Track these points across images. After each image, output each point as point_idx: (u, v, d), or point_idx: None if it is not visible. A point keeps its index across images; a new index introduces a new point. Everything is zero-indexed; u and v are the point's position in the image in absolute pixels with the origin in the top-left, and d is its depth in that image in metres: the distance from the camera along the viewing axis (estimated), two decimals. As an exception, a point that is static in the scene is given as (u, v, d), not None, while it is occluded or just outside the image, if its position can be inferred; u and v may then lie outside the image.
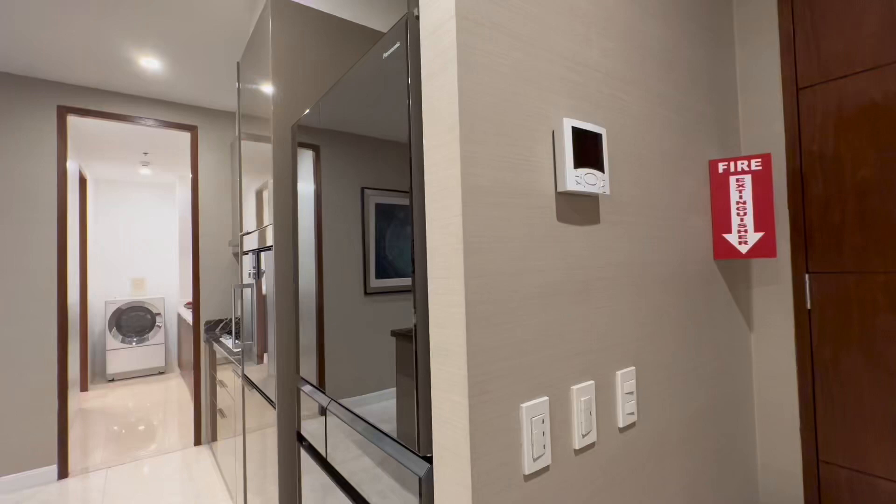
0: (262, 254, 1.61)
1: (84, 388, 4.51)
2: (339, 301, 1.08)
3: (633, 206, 0.92)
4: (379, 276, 0.91)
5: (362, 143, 0.99)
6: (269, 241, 1.52)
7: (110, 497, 2.38)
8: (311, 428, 1.25)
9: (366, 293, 0.96)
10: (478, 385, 0.64)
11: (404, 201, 0.80)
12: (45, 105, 2.61)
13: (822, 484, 1.15)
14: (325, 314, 1.16)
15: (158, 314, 5.12)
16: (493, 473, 0.65)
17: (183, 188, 5.28)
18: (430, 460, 0.76)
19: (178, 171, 5.04)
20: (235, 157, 3.10)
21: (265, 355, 1.61)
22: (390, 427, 0.85)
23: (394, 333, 0.84)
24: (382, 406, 0.88)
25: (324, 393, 1.18)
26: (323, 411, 1.16)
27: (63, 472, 2.61)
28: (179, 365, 5.17)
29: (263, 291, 1.61)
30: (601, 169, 0.80)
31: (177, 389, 4.58)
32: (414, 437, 0.77)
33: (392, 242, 0.85)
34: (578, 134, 0.77)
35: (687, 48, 1.12)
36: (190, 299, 5.21)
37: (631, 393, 0.87)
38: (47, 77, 2.59)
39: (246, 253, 1.84)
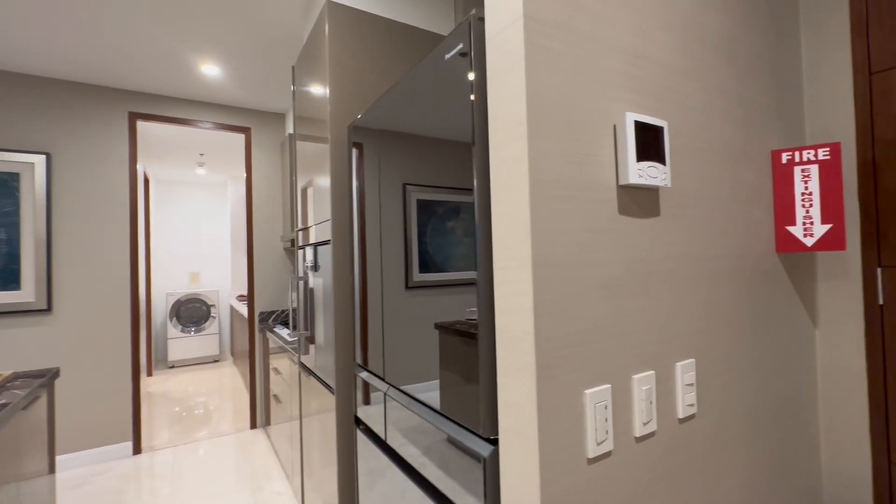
0: (319, 248, 1.70)
1: (149, 373, 4.87)
2: (395, 293, 1.14)
3: (694, 199, 0.92)
4: (428, 270, 0.95)
5: (419, 143, 1.03)
6: (327, 236, 1.60)
7: (179, 472, 2.58)
8: (369, 412, 1.33)
9: (418, 286, 1.01)
10: (545, 370, 0.67)
11: (463, 198, 0.84)
12: (117, 111, 2.84)
13: (893, 489, 1.11)
14: (385, 305, 1.22)
15: (213, 306, 5.44)
16: (558, 455, 0.68)
17: (234, 187, 5.57)
18: (493, 442, 0.80)
19: (229, 171, 5.32)
20: (286, 156, 3.25)
21: (322, 344, 1.70)
22: (451, 411, 0.90)
23: (455, 323, 0.89)
24: (441, 391, 0.93)
25: (382, 379, 1.24)
26: (382, 397, 1.23)
27: (137, 449, 2.86)
28: (232, 353, 5.49)
29: (321, 283, 1.70)
30: (663, 161, 0.81)
31: (230, 376, 4.87)
32: (477, 420, 0.81)
33: (444, 237, 0.90)
34: (640, 128, 0.78)
35: (748, 38, 1.09)
36: (241, 292, 5.51)
37: (691, 385, 0.88)
38: (120, 86, 2.82)
39: (302, 247, 1.95)
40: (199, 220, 5.86)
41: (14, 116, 2.57)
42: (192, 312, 5.33)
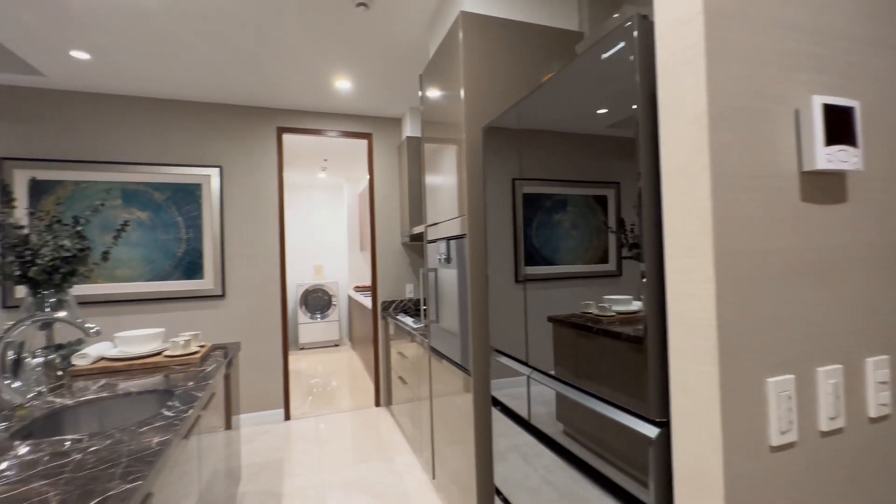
0: (452, 241, 1.85)
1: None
2: (536, 283, 1.21)
3: (884, 182, 0.84)
4: (569, 262, 1.01)
5: (569, 140, 1.09)
6: (460, 231, 1.73)
7: (322, 437, 2.98)
8: (508, 393, 1.42)
9: (556, 277, 1.06)
10: (726, 356, 0.69)
11: (601, 191, 0.88)
12: (268, 128, 3.32)
13: None
14: (527, 294, 1.30)
15: (333, 295, 6.07)
16: (739, 440, 0.70)
17: (350, 188, 6.12)
18: (659, 424, 0.84)
19: (346, 174, 5.87)
20: (403, 158, 3.50)
21: (453, 329, 1.85)
22: (607, 393, 0.94)
23: (596, 315, 0.93)
24: (589, 376, 0.98)
25: (525, 364, 1.33)
26: (525, 380, 1.31)
27: (287, 416, 3.35)
28: (350, 338, 6.07)
29: (453, 274, 1.84)
30: (854, 144, 0.76)
31: (349, 359, 5.40)
32: (641, 403, 0.85)
33: (585, 231, 0.94)
34: (828, 110, 0.74)
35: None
36: (358, 283, 6.05)
37: (884, 383, 0.81)
38: (270, 105, 3.30)
39: (432, 241, 2.12)
40: (319, 219, 6.55)
41: (195, 137, 3.16)
42: (317, 301, 6.01)
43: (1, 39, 2.23)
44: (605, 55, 0.93)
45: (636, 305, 0.95)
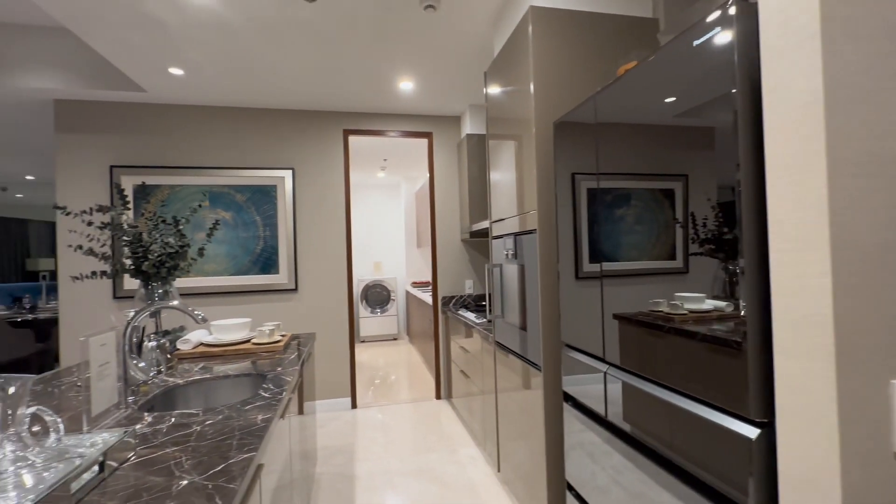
0: (519, 237, 1.85)
1: (347, 345, 5.88)
2: (614, 278, 1.19)
3: None
4: (634, 259, 0.98)
5: (643, 133, 1.06)
6: (529, 226, 1.74)
7: (387, 426, 3.10)
8: (582, 389, 1.41)
9: (633, 273, 1.04)
10: (844, 355, 0.65)
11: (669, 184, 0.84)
12: (335, 130, 3.49)
13: None
14: (604, 289, 1.28)
15: (392, 291, 6.26)
16: (859, 446, 0.66)
17: (407, 186, 6.27)
18: (760, 425, 0.80)
19: (404, 173, 6.01)
20: (462, 155, 3.54)
21: (520, 325, 1.85)
22: (697, 391, 0.91)
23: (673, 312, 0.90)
24: (673, 373, 0.95)
25: (601, 360, 1.31)
26: (601, 376, 1.30)
27: (353, 404, 3.52)
28: (408, 333, 6.23)
29: (520, 270, 1.85)
30: None
31: (407, 352, 5.54)
32: (739, 402, 0.82)
33: (650, 226, 0.91)
34: (969, 87, 0.67)
35: None
36: (415, 279, 6.20)
37: None
38: (337, 109, 3.47)
39: (498, 237, 2.14)
40: (377, 217, 6.77)
41: (270, 142, 3.39)
42: (376, 296, 6.22)
43: (113, 61, 2.52)
44: (697, 41, 0.89)
45: (709, 304, 0.92)
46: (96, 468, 0.83)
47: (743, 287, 0.81)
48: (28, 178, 5.86)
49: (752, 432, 0.80)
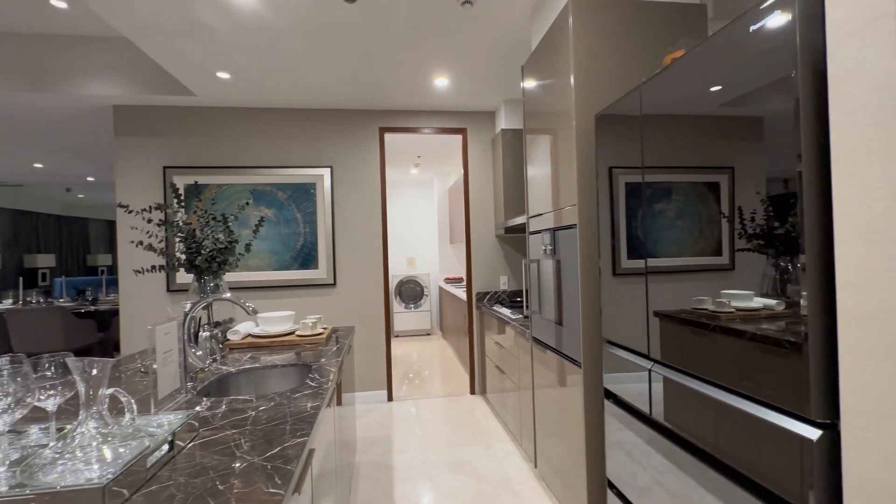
0: (557, 232, 1.83)
1: (382, 339, 5.99)
2: (659, 274, 1.16)
3: None
4: (676, 255, 0.94)
5: (690, 124, 1.02)
6: (568, 221, 1.71)
7: (423, 419, 3.15)
8: (625, 387, 1.39)
9: (677, 271, 1.01)
10: (920, 353, 0.62)
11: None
12: (372, 128, 3.56)
13: None
14: (649, 284, 1.25)
15: (425, 286, 6.32)
16: (936, 448, 0.62)
17: (440, 183, 6.30)
18: (821, 426, 0.77)
19: (436, 169, 6.05)
20: (497, 151, 3.52)
21: (558, 320, 1.84)
22: (752, 389, 0.88)
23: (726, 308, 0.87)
24: (722, 369, 0.92)
25: (646, 357, 1.29)
26: (646, 374, 1.27)
27: (389, 397, 3.60)
28: (441, 328, 6.28)
29: (559, 265, 1.83)
30: None
31: (440, 347, 5.59)
32: (803, 402, 0.78)
33: (693, 221, 0.87)
34: None
35: None
36: (448, 275, 6.23)
37: None
38: (373, 108, 3.53)
39: (535, 232, 2.12)
40: (410, 214, 6.85)
41: (310, 141, 3.49)
42: (409, 292, 6.31)
43: (166, 67, 2.67)
44: (755, 26, 0.86)
45: (758, 302, 0.88)
46: (166, 446, 0.89)
47: (804, 283, 0.78)
48: (89, 179, 6.30)
49: (813, 433, 0.77)
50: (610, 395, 1.50)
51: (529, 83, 2.13)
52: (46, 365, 0.88)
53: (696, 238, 1.08)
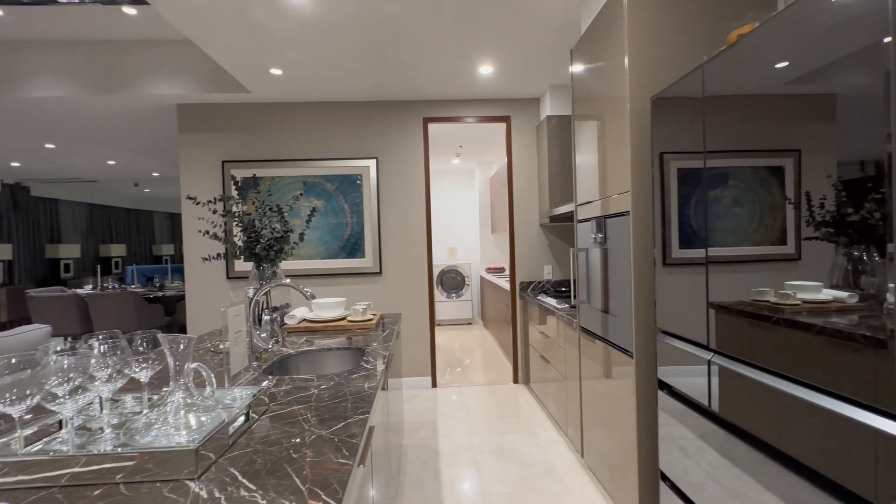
0: (608, 220, 1.79)
1: (424, 327, 6.10)
2: (719, 265, 1.11)
3: None
4: (735, 244, 0.89)
5: (771, 104, 0.97)
6: (620, 209, 1.67)
7: (467, 406, 3.20)
8: (681, 379, 1.35)
9: (739, 261, 0.96)
10: None
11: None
12: (415, 119, 3.60)
13: None
14: (709, 275, 1.21)
15: (466, 276, 6.36)
16: None
17: (481, 172, 6.27)
18: (908, 423, 0.72)
19: (478, 159, 6.02)
20: (542, 138, 3.46)
21: (611, 309, 1.80)
22: (832, 384, 0.84)
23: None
24: (794, 361, 0.87)
25: (706, 348, 1.25)
26: (705, 366, 1.23)
27: (433, 384, 3.67)
28: (482, 317, 6.30)
29: (610, 254, 1.79)
30: None
31: (482, 337, 5.62)
32: (887, 398, 0.74)
33: (754, 208, 0.82)
34: None
35: None
36: (489, 265, 6.23)
37: None
38: (416, 98, 3.56)
39: (584, 221, 2.08)
40: (451, 203, 6.87)
41: (356, 133, 3.58)
42: (451, 281, 6.37)
43: (224, 66, 2.82)
44: (837, -4, 0.80)
45: (827, 294, 0.83)
46: (242, 418, 0.97)
47: (891, 274, 0.72)
48: (154, 174, 6.78)
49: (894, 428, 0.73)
50: (664, 385, 1.47)
51: (578, 67, 2.07)
52: (139, 341, 0.98)
53: (755, 226, 1.03)
